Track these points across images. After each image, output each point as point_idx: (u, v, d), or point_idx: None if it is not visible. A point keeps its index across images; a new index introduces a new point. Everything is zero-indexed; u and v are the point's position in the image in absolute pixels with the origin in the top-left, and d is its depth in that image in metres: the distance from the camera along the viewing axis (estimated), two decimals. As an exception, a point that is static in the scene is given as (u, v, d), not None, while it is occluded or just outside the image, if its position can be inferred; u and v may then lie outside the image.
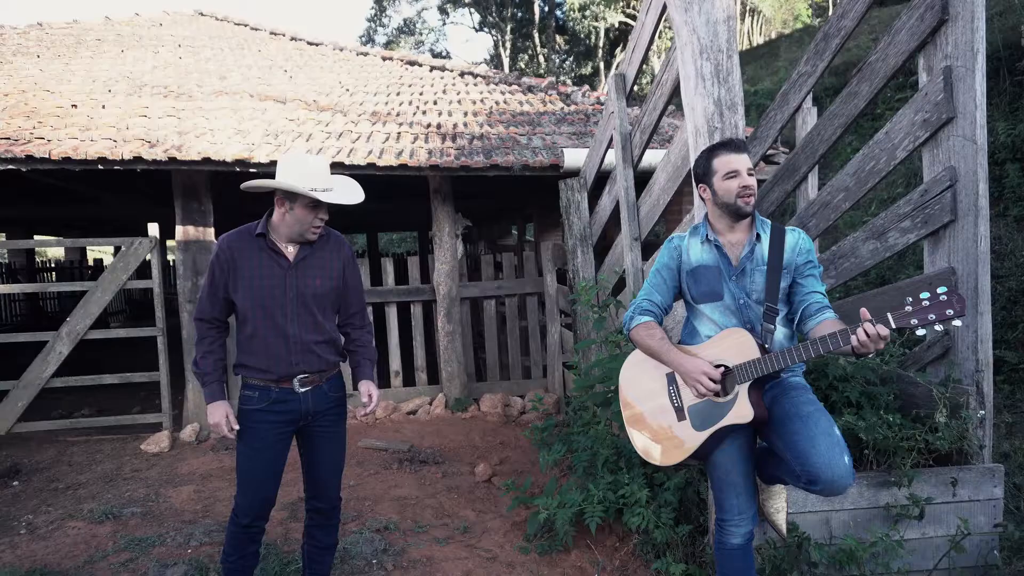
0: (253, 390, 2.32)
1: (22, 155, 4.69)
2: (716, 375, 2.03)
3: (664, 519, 2.85)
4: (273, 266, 2.30)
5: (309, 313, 2.33)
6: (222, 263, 2.30)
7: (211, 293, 2.34)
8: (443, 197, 5.75)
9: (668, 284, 2.26)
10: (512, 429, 5.30)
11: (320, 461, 2.45)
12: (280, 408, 2.31)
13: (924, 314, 1.80)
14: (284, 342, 2.29)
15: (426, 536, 3.40)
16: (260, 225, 2.33)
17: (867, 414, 2.71)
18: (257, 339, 2.29)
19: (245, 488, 2.34)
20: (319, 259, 2.37)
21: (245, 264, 2.29)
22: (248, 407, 2.33)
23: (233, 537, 2.39)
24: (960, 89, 2.68)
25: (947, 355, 2.80)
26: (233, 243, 2.31)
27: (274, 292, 2.28)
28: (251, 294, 2.27)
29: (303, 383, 2.33)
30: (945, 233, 2.79)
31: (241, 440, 2.34)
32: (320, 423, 2.41)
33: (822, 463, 1.91)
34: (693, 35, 2.58)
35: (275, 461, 2.36)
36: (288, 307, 2.30)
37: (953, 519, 2.60)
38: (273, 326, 2.28)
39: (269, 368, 2.29)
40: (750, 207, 2.11)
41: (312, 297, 2.33)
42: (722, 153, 2.16)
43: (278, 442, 2.34)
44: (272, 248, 2.31)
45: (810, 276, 2.17)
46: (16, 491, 4.20)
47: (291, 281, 2.30)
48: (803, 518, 2.60)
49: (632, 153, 3.84)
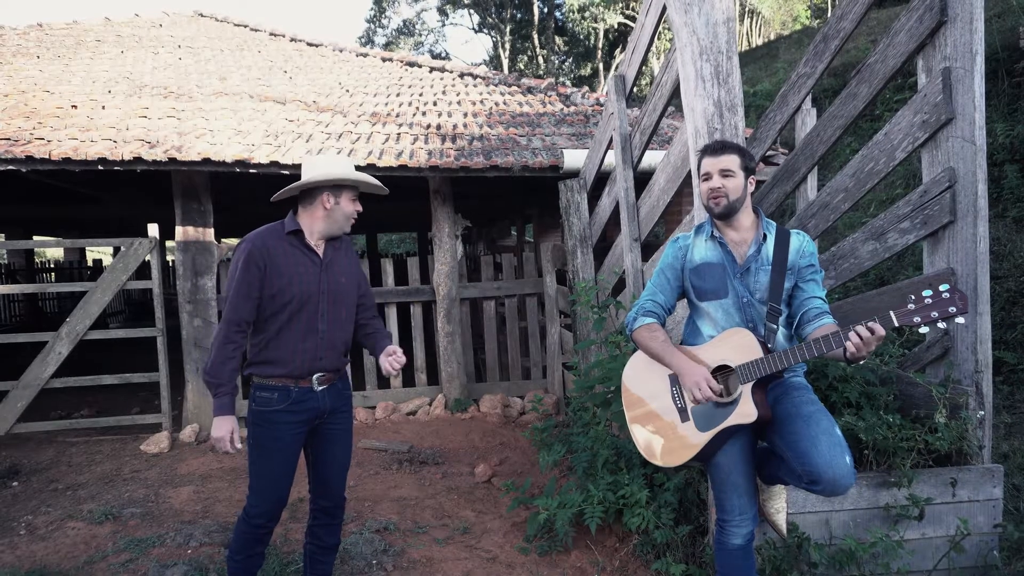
0: (272, 391, 2.30)
1: (22, 155, 4.69)
2: (716, 385, 2.04)
3: (664, 519, 2.86)
4: (308, 263, 2.34)
5: (338, 311, 2.40)
6: (258, 260, 2.26)
7: (246, 293, 2.27)
8: (443, 198, 5.75)
9: (672, 284, 2.27)
10: (512, 430, 5.30)
11: (330, 459, 2.46)
12: (300, 408, 2.32)
13: (927, 311, 1.81)
14: (314, 338, 2.33)
15: (426, 537, 3.40)
16: (289, 224, 2.35)
17: (867, 414, 2.71)
18: (285, 336, 2.30)
19: (261, 489, 2.34)
20: (342, 258, 2.46)
21: (282, 261, 2.30)
22: (268, 408, 2.31)
23: (243, 537, 2.38)
24: (959, 90, 2.69)
25: (946, 356, 2.80)
26: (268, 240, 2.31)
27: (311, 289, 2.32)
28: (292, 291, 2.29)
29: (321, 381, 2.36)
30: (944, 234, 2.80)
31: (257, 441, 2.32)
32: (332, 421, 2.44)
33: (823, 463, 1.91)
34: (693, 36, 2.59)
35: (291, 461, 2.36)
36: (321, 304, 2.35)
37: (953, 519, 2.60)
38: (306, 323, 2.32)
39: (295, 365, 2.30)
40: (719, 207, 2.15)
41: (341, 295, 2.41)
42: (702, 156, 2.24)
43: (295, 442, 2.35)
44: (306, 246, 2.35)
45: (811, 280, 2.19)
46: (15, 492, 4.20)
47: (324, 278, 2.36)
48: (803, 518, 2.60)
49: (632, 154, 3.85)
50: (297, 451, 2.38)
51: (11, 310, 12.19)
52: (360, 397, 5.76)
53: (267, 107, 6.38)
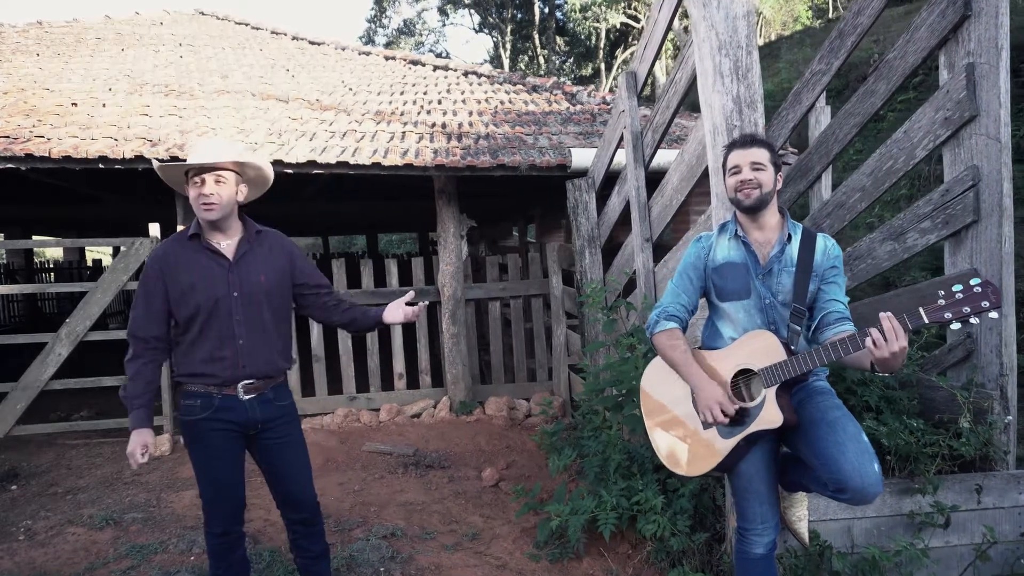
0: (195, 398, 2.20)
1: (22, 154, 4.62)
2: (730, 409, 1.97)
3: (680, 527, 2.79)
4: (212, 266, 2.19)
5: (257, 313, 2.23)
6: (156, 271, 2.18)
7: (145, 307, 2.19)
8: (448, 197, 5.68)
9: (695, 285, 2.21)
10: (518, 433, 5.23)
11: (285, 471, 2.32)
12: (225, 416, 2.20)
13: (958, 307, 1.73)
14: (231, 344, 2.18)
15: (434, 543, 3.33)
16: (192, 226, 2.23)
17: (888, 419, 2.65)
18: (201, 344, 2.18)
19: (210, 498, 2.25)
20: (260, 254, 2.27)
21: (181, 270, 2.17)
22: (191, 417, 2.20)
23: (213, 550, 2.30)
24: (983, 87, 2.62)
25: (969, 358, 2.74)
26: (163, 253, 2.20)
27: (217, 293, 2.17)
28: (193, 299, 2.16)
29: (247, 390, 2.21)
30: (967, 234, 2.74)
31: (193, 452, 2.23)
32: (271, 433, 2.29)
33: (851, 470, 1.84)
34: (711, 31, 2.52)
35: (233, 465, 2.25)
36: (233, 307, 2.19)
37: (977, 527, 2.54)
38: (218, 329, 2.17)
39: (213, 372, 2.18)
40: (749, 200, 2.07)
41: (259, 295, 2.23)
42: (729, 151, 2.18)
43: (229, 447, 2.23)
44: (208, 248, 2.20)
45: (833, 283, 2.12)
46: (14, 495, 4.13)
47: (234, 280, 2.20)
48: (824, 526, 2.53)
49: (644, 152, 3.78)
50: (237, 454, 2.26)
51: (10, 310, 12.11)
52: (364, 399, 5.69)
53: (270, 105, 6.31)
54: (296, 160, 4.85)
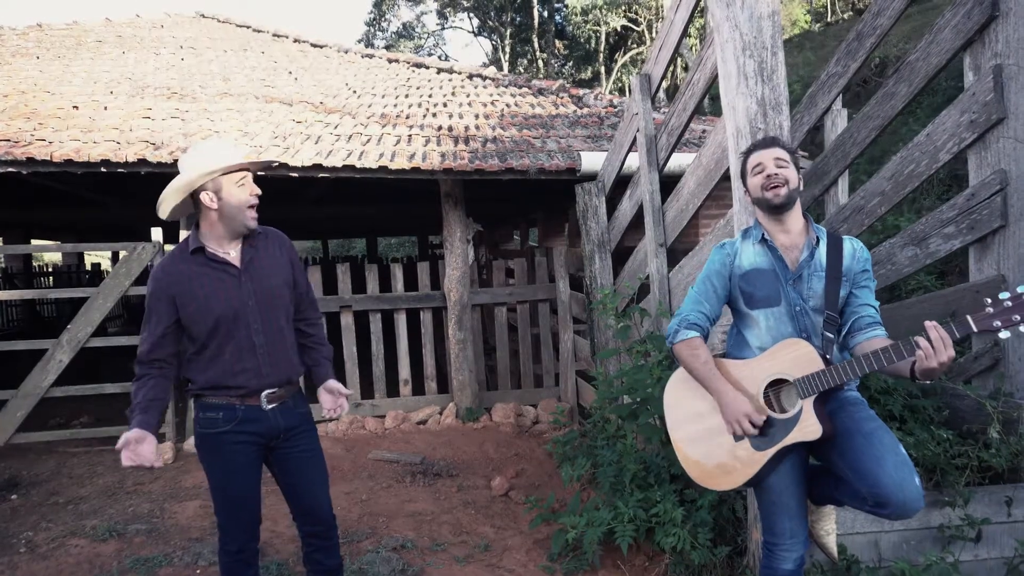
0: (216, 411, 2.12)
1: (23, 157, 4.54)
2: (758, 420, 1.91)
3: (701, 539, 2.71)
4: (223, 278, 2.10)
5: (274, 318, 2.16)
6: (164, 291, 2.08)
7: (155, 331, 2.10)
8: (455, 201, 5.61)
9: (719, 293, 2.13)
10: (526, 440, 5.16)
11: (306, 486, 2.25)
12: (249, 428, 2.12)
13: (1008, 315, 1.68)
14: (253, 355, 2.11)
15: (445, 555, 3.25)
16: (192, 240, 2.13)
17: (914, 428, 2.59)
18: (222, 357, 2.10)
19: (228, 515, 2.18)
20: (267, 256, 2.19)
21: (194, 284, 2.08)
22: (212, 431, 2.12)
23: (227, 568, 2.23)
24: (1012, 88, 2.57)
25: (996, 367, 2.68)
26: (173, 267, 2.10)
27: (233, 305, 2.09)
28: (210, 314, 2.06)
29: (271, 399, 2.15)
30: (994, 239, 2.68)
31: (211, 469, 2.16)
32: (294, 444, 2.22)
33: (892, 484, 1.78)
34: (735, 31, 2.46)
35: (253, 481, 2.19)
36: (251, 316, 2.11)
37: (1008, 540, 2.47)
38: (239, 341, 2.10)
39: (238, 384, 2.10)
40: (779, 198, 2.01)
41: (273, 299, 2.16)
42: (751, 152, 2.14)
43: (249, 462, 2.16)
44: (214, 260, 2.11)
45: (865, 287, 2.06)
46: (15, 505, 4.04)
47: (247, 287, 2.12)
48: (851, 539, 2.47)
49: (657, 156, 3.71)
50: (256, 470, 2.19)
51: (9, 315, 12.01)
52: (369, 406, 5.61)
53: (273, 108, 6.24)
54: (302, 163, 4.78)
